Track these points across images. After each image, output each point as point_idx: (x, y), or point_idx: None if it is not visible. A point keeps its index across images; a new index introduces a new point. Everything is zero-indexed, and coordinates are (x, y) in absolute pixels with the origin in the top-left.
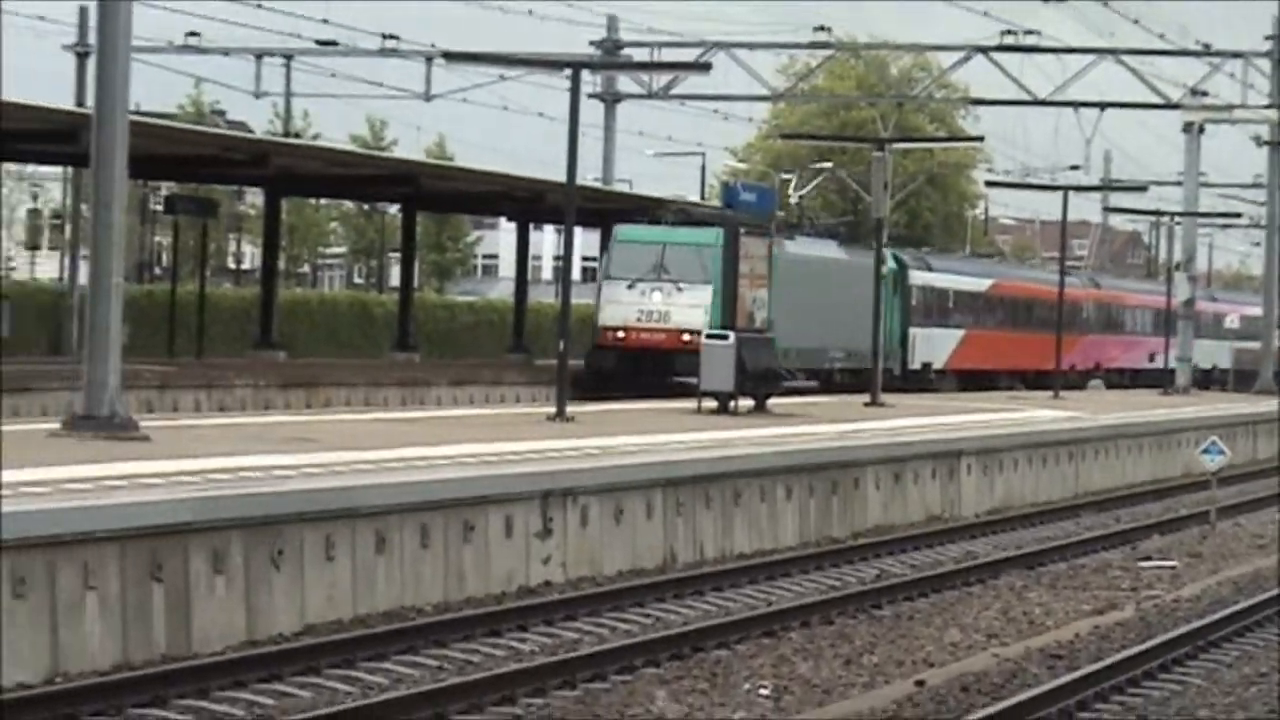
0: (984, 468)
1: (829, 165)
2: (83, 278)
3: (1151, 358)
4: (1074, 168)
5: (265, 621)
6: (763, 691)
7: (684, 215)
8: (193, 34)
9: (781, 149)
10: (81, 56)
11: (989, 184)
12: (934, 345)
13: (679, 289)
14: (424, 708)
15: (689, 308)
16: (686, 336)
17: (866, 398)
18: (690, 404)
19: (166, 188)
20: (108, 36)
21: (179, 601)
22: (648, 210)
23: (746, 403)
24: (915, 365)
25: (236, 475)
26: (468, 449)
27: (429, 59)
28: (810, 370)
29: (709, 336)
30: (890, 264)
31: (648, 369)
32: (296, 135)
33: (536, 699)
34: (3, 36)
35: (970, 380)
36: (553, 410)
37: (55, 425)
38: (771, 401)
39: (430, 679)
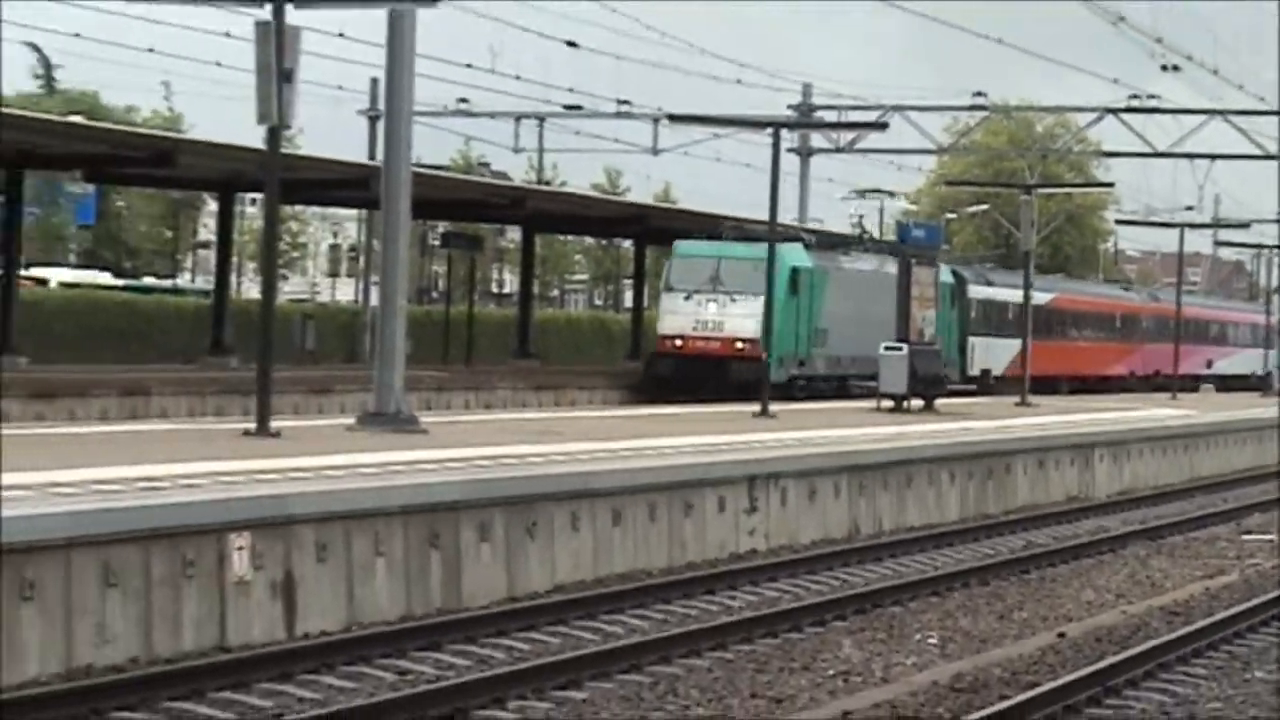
0: (1113, 457)
1: (985, 207)
2: (373, 300)
3: (1209, 364)
4: (1189, 208)
5: (522, 582)
6: (931, 641)
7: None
8: (463, 100)
9: (946, 194)
10: (372, 120)
11: (1118, 222)
12: (993, 353)
13: (733, 300)
14: (652, 653)
15: (742, 317)
16: (739, 344)
17: (1017, 398)
18: (870, 404)
19: (442, 226)
20: (394, 103)
21: (452, 565)
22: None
23: (917, 403)
24: (974, 372)
25: (498, 462)
26: (687, 440)
27: (656, 120)
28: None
29: (887, 348)
30: (944, 278)
31: (703, 375)
32: (547, 183)
33: (744, 645)
34: (3, 36)
35: (1032, 386)
36: (758, 408)
37: (351, 420)
38: (938, 402)
39: (657, 629)
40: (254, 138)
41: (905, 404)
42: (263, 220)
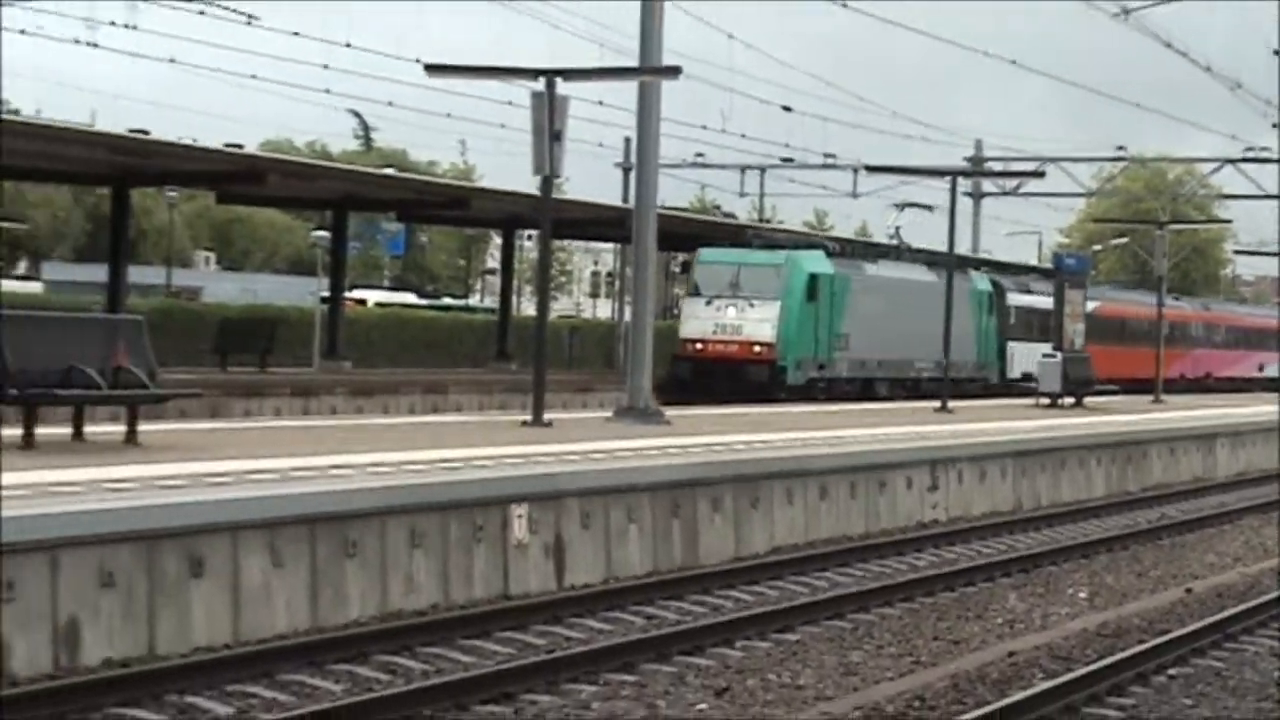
0: (1232, 445)
1: (1125, 240)
2: (626, 316)
3: (1261, 368)
4: None
5: (746, 544)
6: (1081, 595)
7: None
8: (699, 155)
9: (1093, 229)
10: (626, 170)
11: (1236, 252)
12: (1032, 358)
13: (751, 305)
14: (853, 603)
15: (759, 322)
16: (756, 348)
17: (1151, 397)
18: (1029, 402)
19: (681, 256)
20: (643, 157)
21: (690, 531)
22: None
23: (1068, 401)
24: (1014, 375)
25: (728, 448)
26: (879, 431)
27: (855, 169)
28: (892, 378)
29: (1044, 355)
30: (983, 286)
31: (721, 377)
32: (766, 221)
33: (927, 598)
34: (2, 37)
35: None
36: (938, 404)
37: (608, 414)
38: (1087, 401)
39: (856, 584)
40: (531, 185)
41: (1059, 401)
42: (537, 252)
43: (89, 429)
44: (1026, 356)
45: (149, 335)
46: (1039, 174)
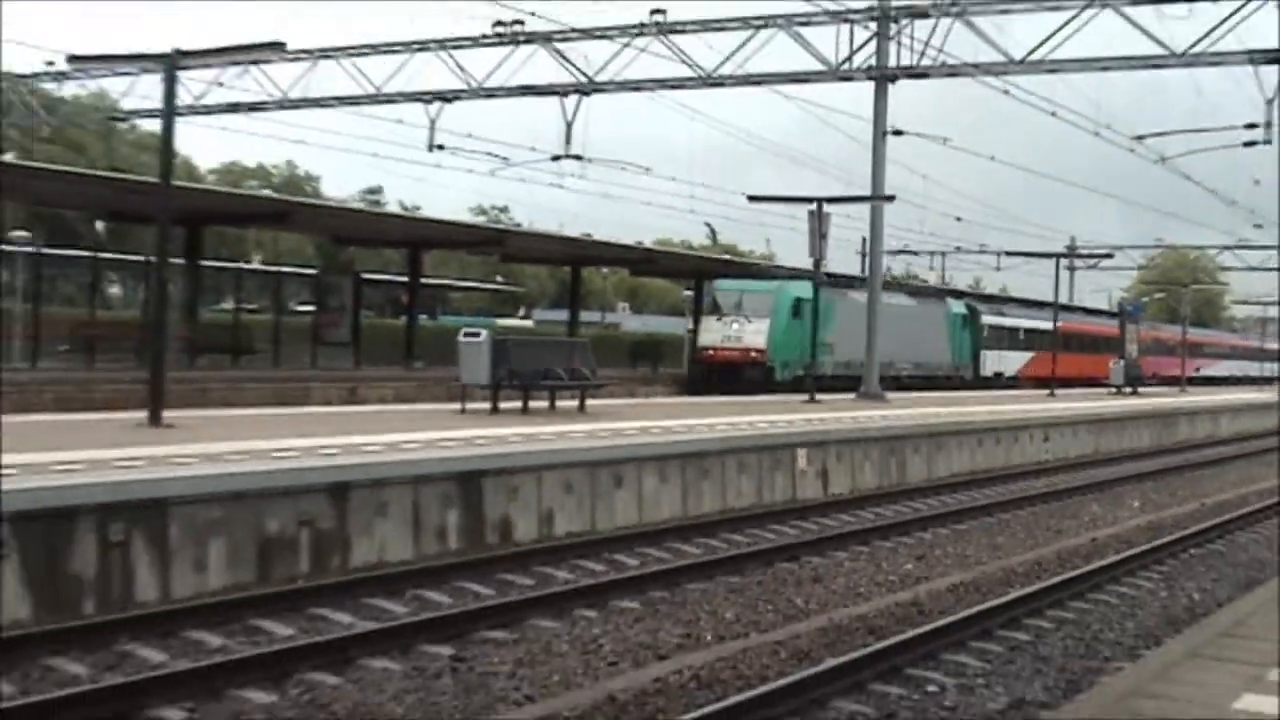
0: (1232, 416)
1: (1163, 295)
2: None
3: (1197, 369)
4: None
5: (939, 471)
6: (1135, 504)
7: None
8: (905, 246)
9: (1143, 289)
10: (862, 255)
11: (1232, 302)
12: (1004, 361)
13: (748, 320)
14: (996, 511)
15: (754, 333)
16: (753, 354)
17: (1178, 388)
18: (1107, 390)
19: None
20: (874, 248)
21: (900, 462)
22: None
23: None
24: (987, 373)
25: (926, 415)
26: (1014, 407)
27: (998, 254)
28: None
29: (1114, 361)
30: (958, 310)
31: (726, 375)
32: (946, 283)
33: (1041, 505)
34: (2, 39)
35: (1039, 384)
36: (1048, 391)
37: (852, 396)
38: (1141, 390)
39: (996, 497)
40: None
41: (1122, 390)
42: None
43: (559, 404)
44: (998, 360)
45: (591, 351)
46: (1109, 255)
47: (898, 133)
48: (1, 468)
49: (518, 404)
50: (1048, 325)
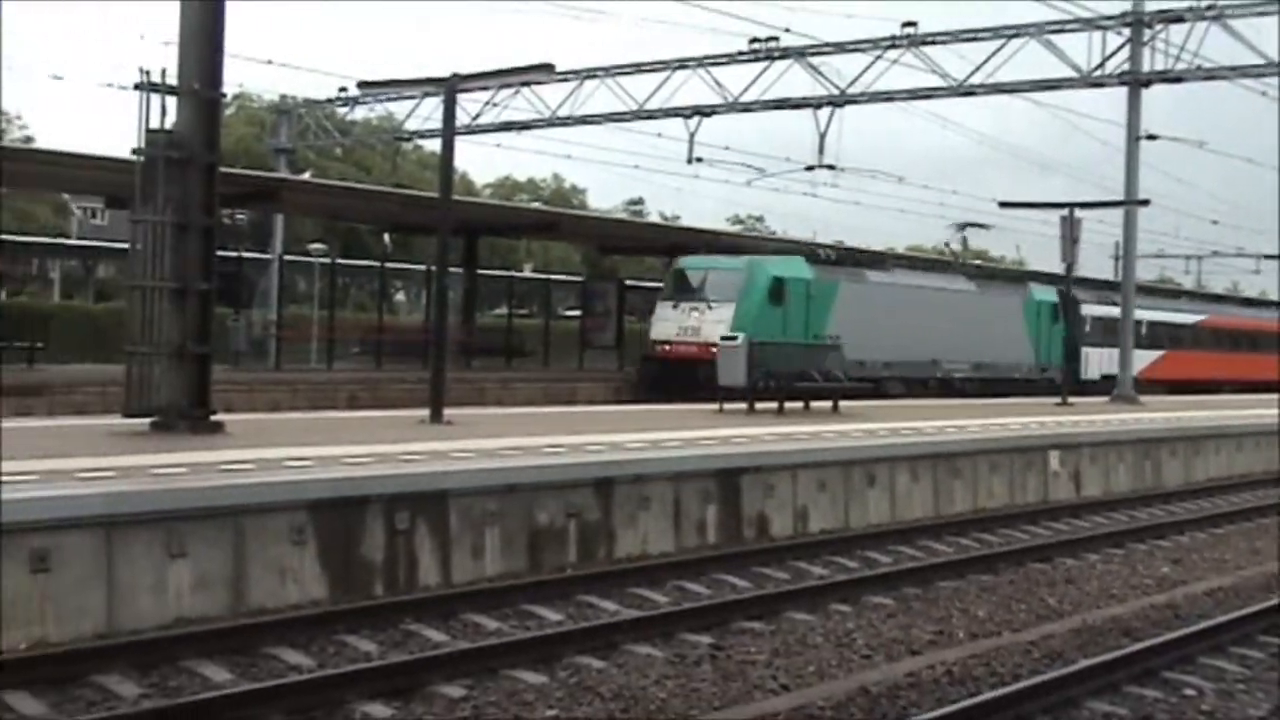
0: None
1: None
2: None
3: None
4: None
5: (1197, 473)
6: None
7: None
8: (1160, 250)
9: None
10: (1115, 259)
11: None
12: (1112, 361)
13: (710, 307)
14: (1239, 519)
15: (716, 323)
16: (713, 349)
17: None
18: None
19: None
20: (1128, 249)
21: (1156, 466)
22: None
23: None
24: (1090, 376)
25: (1183, 419)
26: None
27: (1258, 258)
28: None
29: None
30: (1043, 297)
31: (683, 375)
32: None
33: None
34: (2, 38)
35: (1171, 388)
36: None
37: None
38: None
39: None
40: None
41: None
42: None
43: (813, 405)
44: (1108, 360)
45: (844, 353)
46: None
47: (1152, 137)
48: (1, 470)
49: (772, 405)
50: (1184, 318)
